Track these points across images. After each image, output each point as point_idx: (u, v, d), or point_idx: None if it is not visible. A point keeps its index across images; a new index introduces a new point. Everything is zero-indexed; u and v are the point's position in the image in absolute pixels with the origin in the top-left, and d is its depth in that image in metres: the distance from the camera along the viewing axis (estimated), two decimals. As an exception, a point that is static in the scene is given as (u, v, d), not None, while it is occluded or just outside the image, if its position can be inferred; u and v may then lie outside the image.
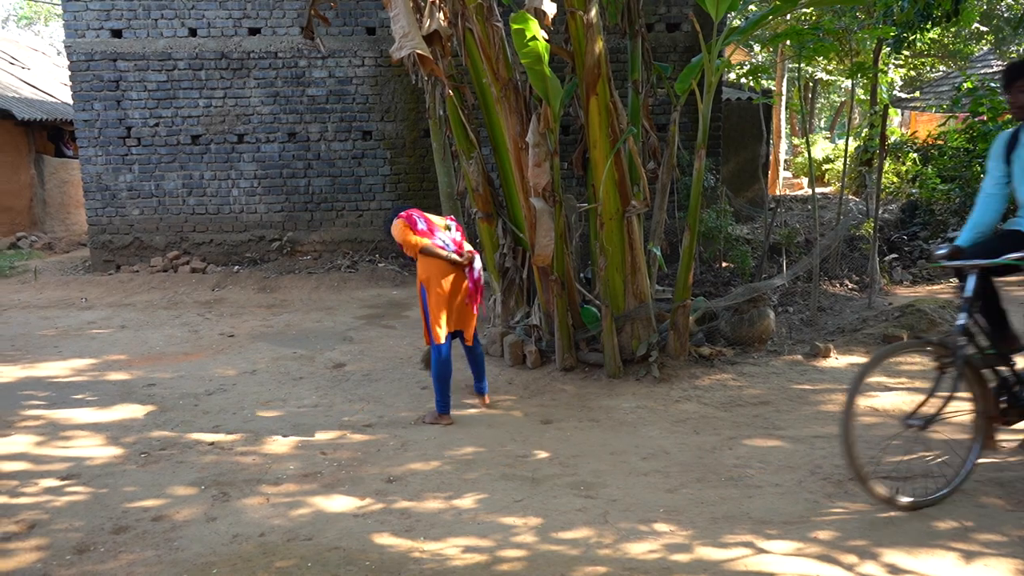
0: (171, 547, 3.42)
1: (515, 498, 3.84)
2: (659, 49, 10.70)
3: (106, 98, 10.87)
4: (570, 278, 6.06)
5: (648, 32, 7.05)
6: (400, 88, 10.97)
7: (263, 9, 10.82)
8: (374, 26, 10.93)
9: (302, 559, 3.29)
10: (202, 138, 10.98)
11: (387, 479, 4.10)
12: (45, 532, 3.59)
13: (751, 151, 14.63)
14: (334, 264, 10.91)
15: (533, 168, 5.58)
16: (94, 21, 10.77)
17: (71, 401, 5.57)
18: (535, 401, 5.43)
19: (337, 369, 6.34)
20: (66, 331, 7.87)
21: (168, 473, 4.26)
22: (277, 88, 10.94)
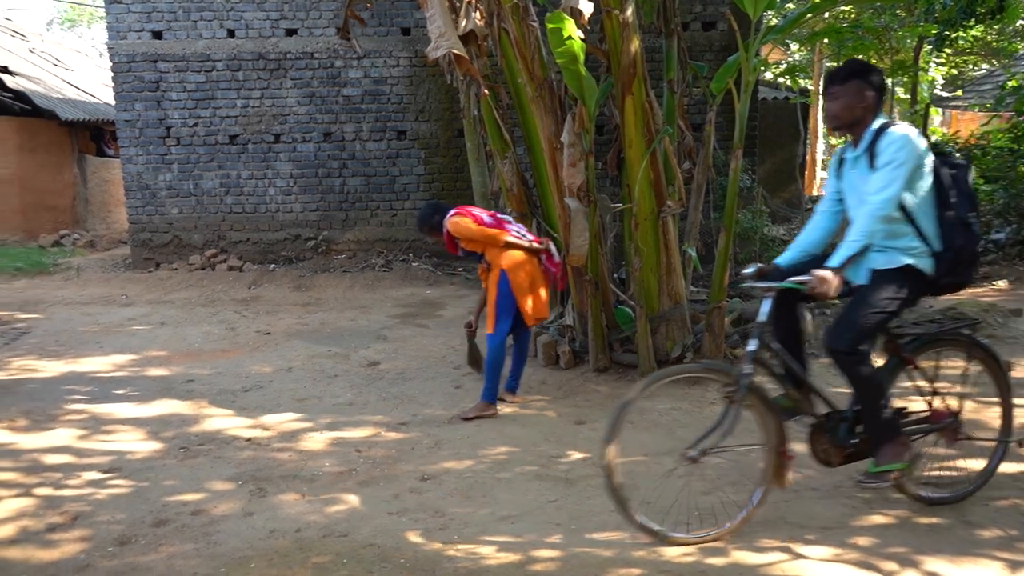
0: (209, 541, 3.47)
1: (549, 498, 3.83)
2: (695, 48, 10.62)
3: (147, 99, 11.06)
4: (604, 278, 6.04)
5: (684, 31, 7.00)
6: (434, 88, 11.02)
7: (300, 10, 10.94)
8: (409, 26, 10.99)
9: (337, 555, 3.31)
10: (239, 138, 11.12)
11: (421, 477, 4.12)
12: (88, 523, 3.66)
13: (787, 151, 14.47)
14: (368, 263, 10.99)
15: (568, 168, 5.57)
16: (135, 23, 10.97)
17: (112, 396, 5.68)
18: (568, 401, 5.42)
19: (371, 367, 6.38)
20: (107, 327, 8.03)
21: (206, 468, 4.32)
22: (313, 88, 11.05)
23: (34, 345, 7.28)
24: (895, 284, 3.26)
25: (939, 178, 3.29)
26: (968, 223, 3.27)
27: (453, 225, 5.07)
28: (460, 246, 5.19)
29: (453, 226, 5.07)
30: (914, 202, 3.26)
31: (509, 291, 5.04)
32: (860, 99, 3.33)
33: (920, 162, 3.22)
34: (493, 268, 5.11)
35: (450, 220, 5.09)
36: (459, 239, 5.13)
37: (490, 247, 5.10)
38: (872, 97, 3.33)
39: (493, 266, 5.11)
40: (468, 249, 5.17)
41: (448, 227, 5.10)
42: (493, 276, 5.10)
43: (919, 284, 3.32)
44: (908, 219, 3.27)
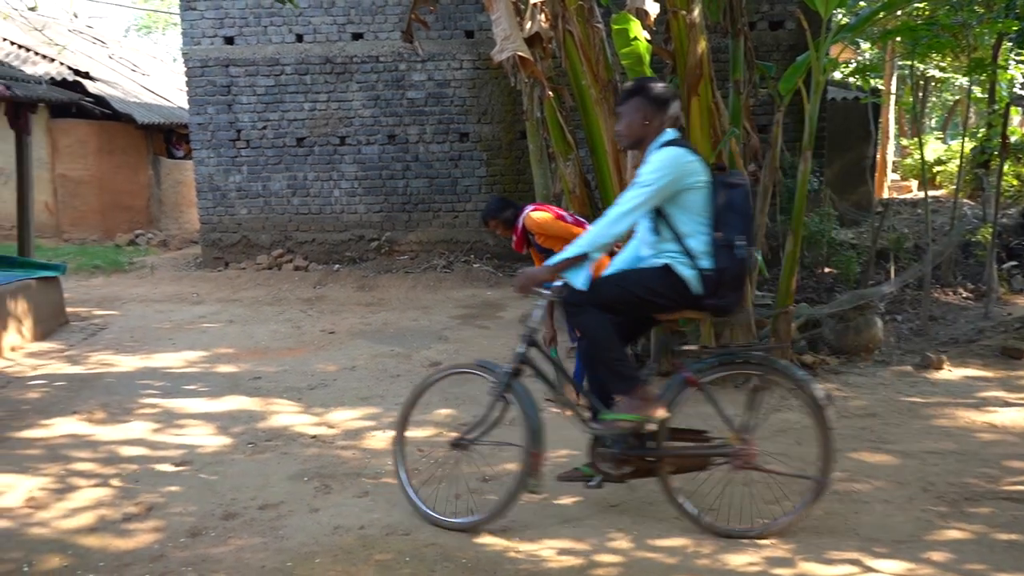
0: (276, 535, 3.55)
1: (610, 503, 3.81)
2: (761, 48, 10.43)
3: (218, 102, 11.38)
4: (667, 282, 5.97)
5: (750, 30, 6.88)
6: (497, 90, 11.07)
7: (366, 15, 11.12)
8: (472, 29, 11.07)
9: (400, 553, 3.35)
10: (306, 140, 11.36)
11: (482, 478, 4.14)
12: (161, 515, 3.78)
13: (857, 152, 14.09)
14: (430, 264, 11.10)
15: (632, 170, 5.53)
16: (209, 29, 11.30)
17: (184, 391, 5.85)
18: (630, 405, 5.37)
19: (433, 368, 6.43)
20: (179, 324, 8.28)
21: (273, 463, 4.42)
22: (378, 91, 11.22)
23: (111, 341, 7.55)
24: (652, 277, 3.35)
25: (714, 198, 3.30)
26: (732, 246, 3.24)
27: (534, 220, 5.01)
28: (535, 243, 5.14)
29: (534, 221, 5.00)
30: (682, 219, 3.29)
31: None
32: (642, 117, 3.36)
33: (679, 182, 3.24)
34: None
35: (530, 215, 5.04)
36: (535, 235, 5.07)
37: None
38: (652, 113, 3.35)
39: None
40: (543, 246, 5.11)
41: (527, 222, 5.03)
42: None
43: (680, 293, 3.32)
44: (675, 236, 3.31)
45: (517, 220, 5.15)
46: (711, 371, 3.52)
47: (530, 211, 5.07)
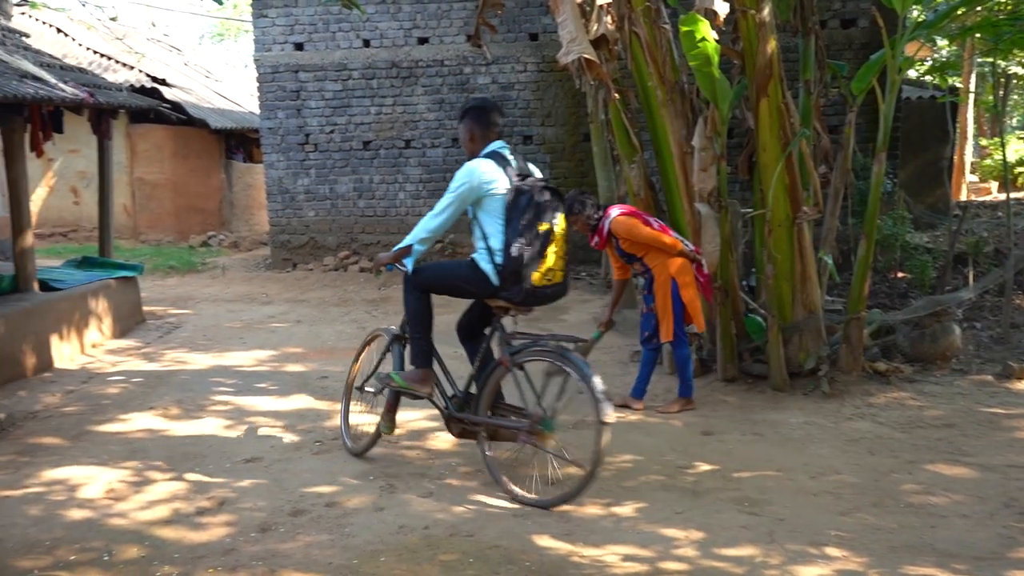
0: (343, 533, 3.60)
1: (676, 510, 3.76)
2: (832, 47, 10.17)
3: (288, 107, 11.64)
4: (734, 286, 5.87)
5: (821, 29, 6.72)
6: (561, 93, 11.06)
7: (432, 19, 11.23)
8: (537, 32, 11.08)
9: (464, 554, 3.37)
10: (372, 143, 11.53)
11: (546, 482, 4.13)
12: (233, 509, 3.87)
13: (933, 153, 13.63)
14: (493, 266, 11.14)
15: (699, 172, 5.46)
16: (279, 36, 11.57)
17: (254, 389, 6.00)
18: (695, 411, 5.30)
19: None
20: (249, 324, 8.49)
21: (339, 462, 4.49)
22: (443, 95, 11.32)
23: (185, 339, 7.79)
24: (462, 268, 4.02)
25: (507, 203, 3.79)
26: (510, 245, 3.74)
27: (621, 225, 5.10)
28: (618, 246, 5.20)
29: (621, 226, 5.10)
30: (486, 221, 3.87)
31: (680, 298, 5.13)
32: (469, 135, 4.03)
33: (477, 190, 3.83)
34: (660, 275, 5.15)
35: (618, 220, 5.13)
36: (620, 239, 5.15)
37: (657, 252, 5.13)
38: (476, 131, 3.99)
39: (659, 272, 5.15)
40: (626, 251, 5.19)
41: (614, 227, 5.13)
42: (663, 283, 5.14)
43: (482, 283, 3.90)
44: (483, 235, 3.90)
45: (602, 222, 5.22)
46: (518, 355, 3.94)
47: (617, 215, 5.15)
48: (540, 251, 3.79)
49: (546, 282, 3.88)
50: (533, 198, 3.78)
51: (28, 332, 6.30)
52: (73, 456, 4.64)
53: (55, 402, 5.72)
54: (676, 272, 5.12)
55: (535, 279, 3.81)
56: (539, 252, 3.79)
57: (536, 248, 3.78)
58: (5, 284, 6.83)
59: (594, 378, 3.70)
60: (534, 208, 3.77)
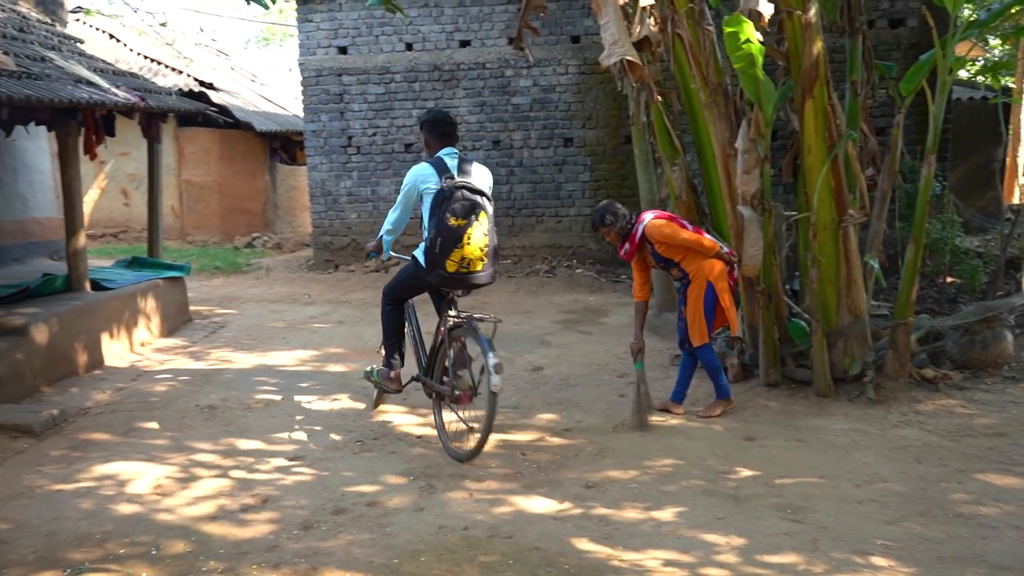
0: (384, 532, 3.64)
1: (717, 515, 3.72)
2: (880, 47, 10.00)
3: (331, 110, 11.79)
4: (777, 290, 5.80)
5: (869, 29, 6.60)
6: (602, 95, 11.03)
7: (474, 22, 11.28)
8: (579, 34, 11.06)
9: (503, 556, 3.38)
10: (414, 146, 11.61)
11: (585, 485, 4.13)
12: (276, 507, 3.94)
13: (984, 155, 13.30)
14: (533, 268, 11.15)
15: (742, 175, 5.40)
16: (323, 40, 11.72)
17: (297, 389, 6.08)
18: (736, 416, 5.24)
19: (536, 372, 6.46)
20: (292, 324, 8.61)
21: (380, 462, 4.54)
22: (484, 98, 11.36)
23: (230, 338, 7.93)
24: (409, 266, 4.77)
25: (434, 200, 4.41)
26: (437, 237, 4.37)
27: (657, 229, 5.04)
28: (654, 251, 5.14)
29: (659, 231, 5.03)
30: (425, 216, 4.48)
31: (714, 301, 5.08)
32: (424, 141, 4.74)
33: (416, 188, 4.54)
34: (696, 278, 5.10)
35: (653, 224, 5.07)
36: (655, 244, 5.10)
37: (695, 255, 5.09)
38: (430, 139, 4.68)
39: (696, 276, 5.10)
40: (662, 255, 5.14)
41: (649, 230, 5.06)
42: (698, 286, 5.10)
43: (420, 271, 4.61)
44: (423, 226, 4.53)
45: (633, 228, 5.17)
46: (454, 331, 4.64)
47: (652, 219, 5.09)
48: (453, 243, 4.36)
49: (462, 270, 4.46)
50: (452, 197, 4.35)
51: (80, 331, 6.47)
52: (122, 452, 4.76)
53: (105, 399, 5.86)
54: (715, 277, 5.07)
55: (449, 267, 4.42)
56: (452, 244, 4.36)
57: (447, 240, 4.35)
58: (59, 284, 7.03)
59: (490, 353, 4.34)
60: (450, 206, 4.35)
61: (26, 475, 4.40)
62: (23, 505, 4.00)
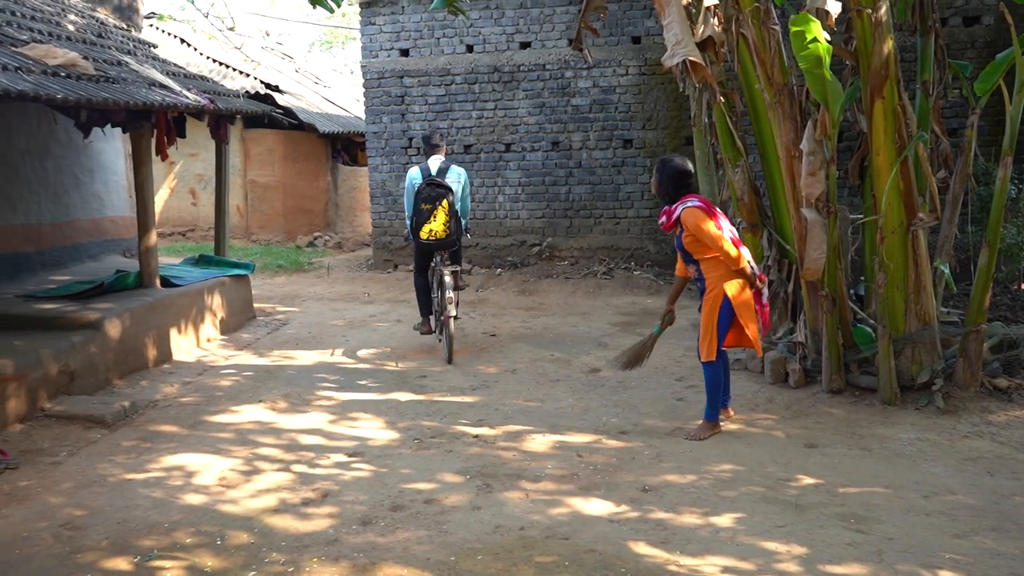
0: (441, 530, 3.67)
1: (777, 523, 3.66)
2: (953, 45, 9.67)
3: (392, 112, 11.94)
4: (842, 294, 5.67)
5: (942, 27, 6.40)
6: (663, 96, 10.93)
7: (534, 24, 11.30)
8: (639, 35, 10.99)
9: (560, 557, 3.38)
10: (473, 147, 11.69)
11: (642, 488, 4.10)
12: (336, 502, 4.01)
13: (1064, 157, 12.74)
14: (590, 270, 11.11)
15: (806, 177, 5.29)
16: (386, 43, 11.88)
17: (356, 386, 6.18)
18: (798, 423, 5.14)
19: (592, 374, 6.44)
20: (352, 322, 8.75)
21: (438, 460, 4.58)
22: (543, 99, 11.36)
23: (291, 336, 8.10)
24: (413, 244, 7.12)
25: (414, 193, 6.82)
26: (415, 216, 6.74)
27: (691, 216, 4.68)
28: (680, 235, 4.84)
29: (690, 216, 4.68)
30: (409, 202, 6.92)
31: (730, 317, 4.78)
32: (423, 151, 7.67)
33: (410, 185, 6.88)
34: (712, 288, 4.81)
35: (690, 208, 4.71)
36: (684, 230, 4.77)
37: (716, 263, 4.76)
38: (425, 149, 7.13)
39: (712, 286, 4.81)
40: (684, 243, 4.83)
41: (684, 217, 4.72)
42: (713, 297, 4.80)
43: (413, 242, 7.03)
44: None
45: (676, 205, 4.81)
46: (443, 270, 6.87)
47: (693, 204, 4.73)
48: (424, 220, 6.67)
49: (430, 237, 6.71)
50: (422, 191, 6.69)
51: (151, 326, 6.69)
52: (189, 444, 4.91)
53: (173, 392, 6.05)
54: (733, 292, 4.73)
55: (422, 235, 6.72)
56: (423, 221, 6.67)
57: (420, 219, 6.68)
58: (131, 280, 7.28)
59: (449, 290, 6.68)
60: (422, 196, 6.68)
61: (99, 464, 4.57)
62: (96, 493, 4.16)
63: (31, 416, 5.22)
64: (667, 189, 4.90)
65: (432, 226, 6.64)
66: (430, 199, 6.62)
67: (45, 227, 8.60)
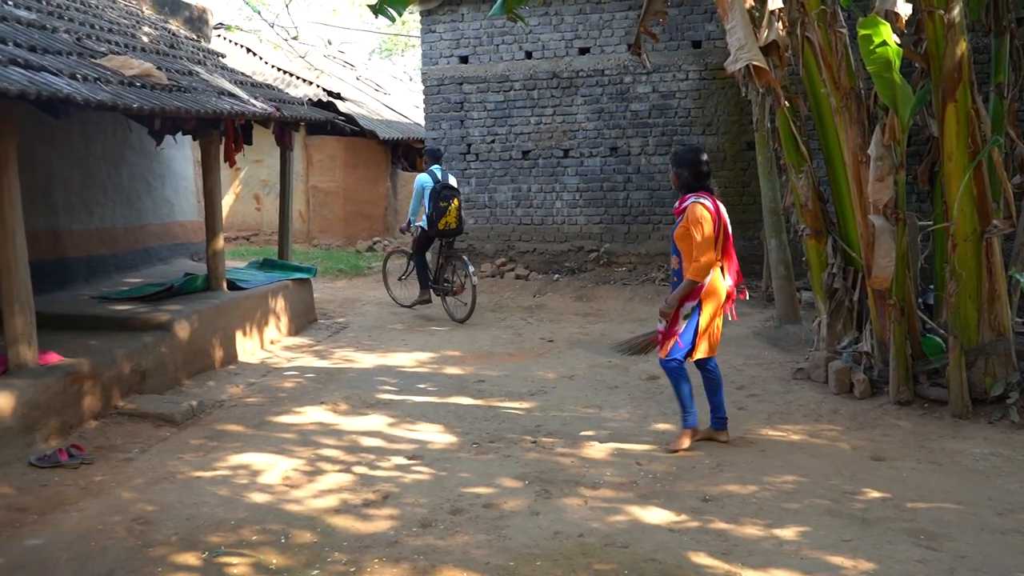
0: (499, 534, 3.69)
1: (843, 537, 3.58)
2: (1029, 46, 9.33)
3: (452, 118, 12.05)
4: (911, 303, 5.52)
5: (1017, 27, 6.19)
6: (724, 101, 10.80)
7: (593, 29, 11.29)
8: (700, 39, 10.88)
9: (619, 565, 3.36)
10: (531, 153, 11.72)
11: (703, 498, 4.05)
12: (396, 504, 4.06)
13: None
14: (648, 276, 11.03)
15: (874, 183, 5.17)
16: (446, 50, 12.00)
17: (415, 389, 6.25)
18: (863, 434, 5.02)
19: (651, 381, 6.39)
20: (410, 326, 8.84)
21: (496, 464, 4.60)
22: (602, 104, 11.34)
23: (351, 339, 8.23)
24: (420, 234, 8.94)
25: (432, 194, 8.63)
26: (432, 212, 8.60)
27: (693, 212, 4.52)
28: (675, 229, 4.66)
29: (693, 213, 4.52)
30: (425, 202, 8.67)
31: (696, 323, 4.63)
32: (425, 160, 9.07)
33: (421, 188, 8.71)
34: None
35: (697, 204, 4.55)
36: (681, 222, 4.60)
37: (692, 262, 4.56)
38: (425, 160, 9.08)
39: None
40: (676, 237, 4.64)
41: (690, 207, 4.55)
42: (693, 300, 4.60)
43: (425, 233, 8.82)
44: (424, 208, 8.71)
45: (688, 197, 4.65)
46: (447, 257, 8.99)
47: (704, 202, 4.56)
48: (441, 214, 8.56)
49: (446, 227, 8.66)
50: (441, 192, 8.55)
51: (218, 328, 6.88)
52: (254, 443, 5.03)
53: (238, 393, 6.21)
54: (704, 296, 4.58)
55: (440, 226, 8.61)
56: (441, 215, 8.56)
57: (439, 213, 8.54)
58: (199, 283, 7.49)
59: (469, 265, 8.71)
60: (440, 196, 8.54)
61: (169, 461, 4.72)
62: (166, 489, 4.29)
63: (105, 413, 5.41)
64: (687, 179, 4.69)
65: (447, 219, 8.59)
66: (447, 198, 8.57)
67: (119, 231, 8.92)
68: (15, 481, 4.36)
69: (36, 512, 4.04)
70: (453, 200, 8.59)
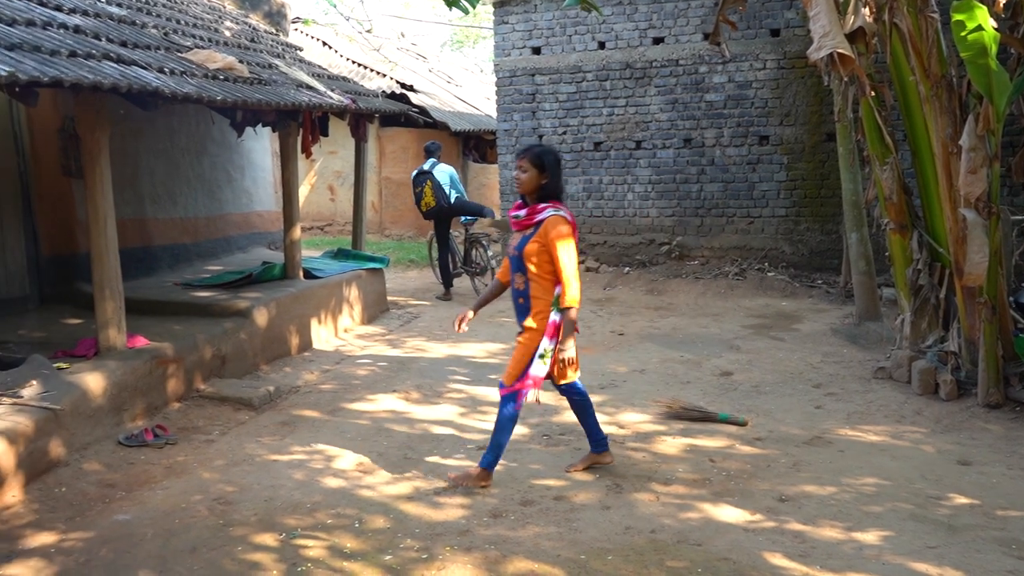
0: (570, 527, 3.67)
1: (927, 543, 3.44)
2: None
3: (523, 110, 12.03)
4: (1003, 302, 5.27)
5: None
6: (803, 90, 10.49)
7: (668, 19, 11.11)
8: (779, 27, 10.59)
9: (692, 563, 3.31)
10: (603, 144, 11.62)
11: (779, 497, 3.95)
12: (467, 493, 4.08)
13: None
14: (721, 271, 10.82)
15: (966, 175, 4.95)
16: (518, 41, 11.99)
17: (485, 380, 6.27)
18: (949, 437, 4.82)
19: (724, 377, 6.27)
20: (480, 317, 8.82)
21: (566, 457, 4.59)
22: (676, 95, 11.15)
23: (423, 328, 8.32)
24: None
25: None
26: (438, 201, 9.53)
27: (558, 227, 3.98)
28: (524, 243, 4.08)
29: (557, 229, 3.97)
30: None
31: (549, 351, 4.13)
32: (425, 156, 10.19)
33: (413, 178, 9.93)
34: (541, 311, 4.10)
35: (560, 218, 4.01)
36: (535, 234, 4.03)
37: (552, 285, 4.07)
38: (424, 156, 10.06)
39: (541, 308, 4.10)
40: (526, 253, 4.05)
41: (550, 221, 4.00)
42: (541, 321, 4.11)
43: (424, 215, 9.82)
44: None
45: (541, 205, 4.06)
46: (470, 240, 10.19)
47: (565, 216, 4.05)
48: (419, 198, 9.53)
49: (427, 208, 9.51)
50: (414, 180, 9.59)
51: (294, 315, 7.04)
52: (329, 429, 5.13)
53: (313, 379, 6.34)
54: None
55: (423, 208, 9.54)
56: (418, 198, 9.53)
57: (417, 196, 9.53)
58: (277, 272, 7.68)
59: (488, 248, 9.91)
60: (415, 183, 9.58)
61: (247, 444, 4.85)
62: (245, 471, 4.41)
63: (187, 396, 5.60)
64: (549, 186, 4.10)
65: (425, 200, 9.43)
66: (419, 183, 9.48)
67: (200, 220, 9.20)
68: (105, 458, 4.55)
69: (124, 488, 4.21)
70: (425, 184, 9.36)
